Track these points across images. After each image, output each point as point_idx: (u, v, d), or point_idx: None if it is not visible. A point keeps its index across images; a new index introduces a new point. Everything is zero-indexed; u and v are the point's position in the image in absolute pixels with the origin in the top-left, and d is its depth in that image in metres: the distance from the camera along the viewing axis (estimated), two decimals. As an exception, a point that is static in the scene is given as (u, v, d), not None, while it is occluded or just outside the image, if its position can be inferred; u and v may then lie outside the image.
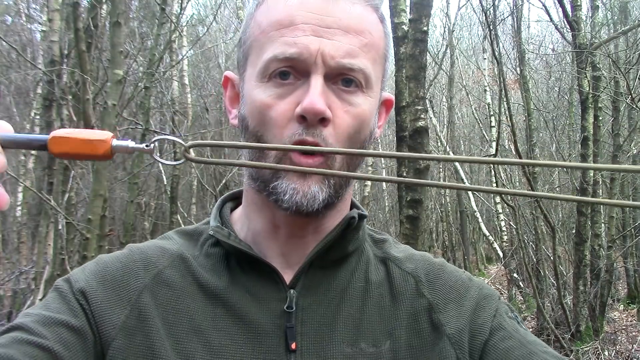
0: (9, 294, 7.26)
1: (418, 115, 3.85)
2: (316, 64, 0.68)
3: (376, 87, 0.75)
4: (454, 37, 13.06)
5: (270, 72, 0.70)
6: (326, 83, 0.70)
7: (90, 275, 0.74)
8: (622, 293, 9.50)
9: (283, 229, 0.76)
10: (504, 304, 0.79)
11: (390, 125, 15.80)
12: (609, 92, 6.91)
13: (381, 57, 0.76)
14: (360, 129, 0.73)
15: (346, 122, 0.71)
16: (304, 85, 0.69)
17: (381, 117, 0.83)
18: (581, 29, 6.14)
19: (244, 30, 0.78)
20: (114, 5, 3.67)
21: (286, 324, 0.71)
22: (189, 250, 0.79)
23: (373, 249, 0.83)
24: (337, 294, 0.75)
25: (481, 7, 7.17)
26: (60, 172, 5.19)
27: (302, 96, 0.69)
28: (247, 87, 0.74)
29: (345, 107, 0.71)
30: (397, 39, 3.92)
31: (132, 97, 6.45)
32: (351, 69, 0.70)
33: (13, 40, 8.30)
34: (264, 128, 0.71)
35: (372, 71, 0.73)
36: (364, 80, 0.72)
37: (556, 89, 11.29)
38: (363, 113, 0.72)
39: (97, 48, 5.36)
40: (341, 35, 0.70)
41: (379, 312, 0.75)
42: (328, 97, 0.70)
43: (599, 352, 5.71)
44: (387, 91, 0.83)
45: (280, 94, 0.70)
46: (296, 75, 0.70)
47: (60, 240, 4.74)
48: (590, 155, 6.17)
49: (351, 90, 0.71)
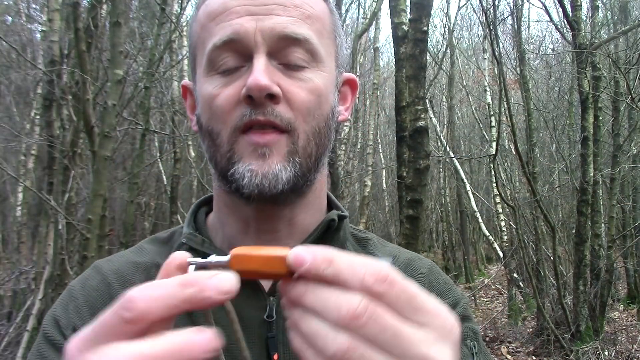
0: (9, 294, 7.26)
1: (418, 115, 3.85)
2: (256, 42, 0.66)
3: (328, 62, 0.71)
4: (454, 37, 13.07)
5: (215, 64, 0.68)
6: (272, 62, 0.67)
7: (76, 311, 0.71)
8: (622, 293, 9.50)
9: (252, 225, 0.72)
10: (470, 330, 0.76)
11: (390, 125, 15.80)
12: (609, 92, 6.91)
13: (329, 32, 0.73)
14: (319, 104, 0.69)
15: (301, 96, 0.67)
16: (249, 70, 0.66)
17: (346, 99, 0.80)
18: (581, 29, 6.13)
19: (189, 34, 0.76)
20: (114, 5, 3.67)
21: (267, 333, 0.68)
22: (163, 258, 0.74)
23: (355, 247, 0.80)
24: None
25: (481, 7, 7.18)
26: (60, 172, 5.19)
27: (246, 79, 0.65)
28: (198, 86, 0.72)
29: (296, 82, 0.67)
30: (397, 39, 3.92)
31: (132, 97, 6.45)
32: (296, 38, 0.67)
33: (13, 40, 8.30)
34: (212, 119, 0.68)
35: (318, 43, 0.69)
36: (311, 54, 0.68)
37: (556, 89, 11.30)
38: (317, 87, 0.68)
39: (97, 48, 5.36)
40: (280, 9, 0.67)
41: None
42: (274, 75, 0.66)
43: (599, 352, 5.71)
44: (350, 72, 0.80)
45: (226, 82, 0.68)
46: (241, 62, 0.67)
47: (60, 240, 4.74)
48: (590, 155, 6.17)
49: (299, 67, 0.68)
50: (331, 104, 0.72)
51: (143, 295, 0.37)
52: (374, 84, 9.77)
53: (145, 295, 0.37)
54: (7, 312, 6.55)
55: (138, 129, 6.37)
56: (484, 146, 12.73)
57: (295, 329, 0.41)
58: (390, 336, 0.38)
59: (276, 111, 0.65)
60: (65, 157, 5.00)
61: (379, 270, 0.39)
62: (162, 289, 0.38)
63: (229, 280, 0.40)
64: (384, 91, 15.05)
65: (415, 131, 3.82)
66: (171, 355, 0.36)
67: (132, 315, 0.37)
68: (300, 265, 0.40)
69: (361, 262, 0.40)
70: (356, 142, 11.96)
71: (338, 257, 0.40)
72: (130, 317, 0.37)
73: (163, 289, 0.38)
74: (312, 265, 0.40)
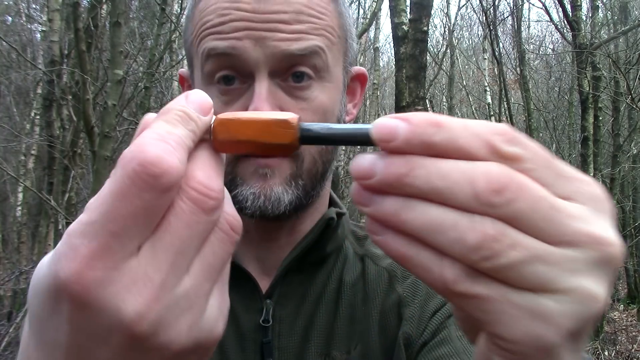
0: (9, 294, 7.25)
1: (418, 115, 3.85)
2: (257, 63, 0.62)
3: (335, 70, 0.68)
4: (454, 37, 13.07)
5: (213, 76, 0.64)
6: (275, 82, 0.64)
7: None
8: (622, 293, 9.50)
9: (254, 233, 0.70)
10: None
11: (390, 125, 15.77)
12: (609, 92, 6.92)
13: (338, 37, 0.68)
14: (325, 122, 0.64)
15: (306, 120, 0.62)
16: (249, 90, 0.63)
17: (355, 94, 0.77)
18: (581, 29, 6.14)
19: (184, 31, 0.72)
20: (114, 5, 3.67)
21: (262, 339, 0.66)
22: None
23: (354, 246, 0.77)
24: (314, 300, 0.69)
25: (481, 7, 7.18)
26: (60, 172, 5.20)
27: (248, 102, 0.62)
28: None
29: (300, 104, 0.64)
30: (397, 39, 3.92)
31: (132, 97, 6.45)
32: (301, 55, 0.63)
33: (13, 40, 8.30)
34: None
35: (326, 55, 0.65)
36: (317, 69, 0.65)
37: (556, 89, 11.30)
38: (322, 105, 0.66)
39: (97, 48, 5.36)
40: (283, 25, 0.62)
41: (351, 315, 0.69)
42: (278, 97, 0.63)
43: (599, 352, 5.71)
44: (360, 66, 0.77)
45: (225, 101, 0.64)
46: (241, 79, 0.64)
47: (60, 240, 4.74)
48: (590, 155, 6.18)
49: (304, 86, 0.64)
50: (337, 115, 0.69)
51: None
52: (374, 84, 9.77)
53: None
54: (7, 312, 6.55)
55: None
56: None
57: (392, 233, 0.29)
58: (545, 213, 0.28)
59: None
60: (65, 157, 5.01)
61: (502, 128, 0.29)
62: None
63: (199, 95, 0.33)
64: (384, 91, 15.05)
65: (415, 131, 3.82)
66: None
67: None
68: (392, 136, 0.29)
69: (476, 122, 0.30)
70: (356, 142, 11.94)
71: (445, 118, 0.29)
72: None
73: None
74: (412, 132, 0.28)
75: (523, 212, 0.27)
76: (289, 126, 0.33)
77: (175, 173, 0.29)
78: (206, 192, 0.30)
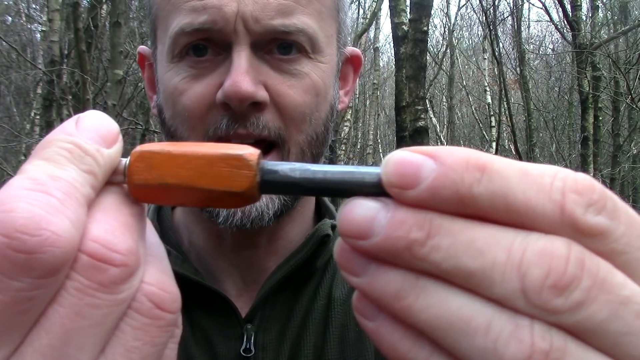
0: (9, 294, 7.27)
1: (418, 115, 3.85)
2: (237, 31, 0.51)
3: (328, 48, 0.56)
4: (454, 37, 13.08)
5: (182, 50, 0.53)
6: (256, 53, 0.52)
7: None
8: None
9: (228, 242, 0.59)
10: None
11: (390, 125, 15.82)
12: (609, 92, 6.92)
13: (330, 8, 0.57)
14: (316, 106, 0.54)
15: (294, 99, 0.53)
16: (226, 61, 0.52)
17: (347, 80, 0.65)
18: (581, 29, 6.14)
19: None
20: (114, 5, 3.68)
21: None
22: None
23: None
24: (299, 321, 0.58)
25: (481, 7, 7.18)
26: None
27: (224, 76, 0.51)
28: (159, 69, 0.57)
29: (287, 80, 0.53)
30: (397, 39, 3.93)
31: (132, 97, 6.46)
32: (286, 31, 0.52)
33: (13, 40, 8.30)
34: (177, 120, 0.53)
35: (317, 30, 0.54)
36: (308, 44, 0.53)
37: (556, 89, 11.30)
38: (315, 84, 0.54)
39: (97, 48, 5.37)
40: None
41: (342, 337, 0.58)
42: (261, 72, 0.52)
43: None
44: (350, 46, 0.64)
45: (196, 74, 0.53)
46: (215, 50, 0.53)
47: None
48: (590, 155, 6.18)
49: (292, 58, 0.53)
50: (331, 101, 0.58)
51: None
52: (374, 84, 9.78)
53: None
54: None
55: (138, 129, 6.37)
56: (484, 146, 12.72)
57: (389, 320, 0.21)
58: (633, 325, 0.18)
59: (262, 121, 0.51)
60: (65, 157, 5.02)
61: (583, 182, 0.20)
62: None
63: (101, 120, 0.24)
64: (384, 91, 15.05)
65: (415, 131, 3.82)
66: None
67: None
68: (413, 180, 0.19)
69: (540, 168, 0.20)
70: (356, 142, 11.97)
71: (493, 159, 0.20)
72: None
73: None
74: (444, 177, 0.19)
75: (598, 322, 0.18)
76: (245, 165, 0.22)
77: (64, 243, 0.19)
78: (105, 254, 0.21)
